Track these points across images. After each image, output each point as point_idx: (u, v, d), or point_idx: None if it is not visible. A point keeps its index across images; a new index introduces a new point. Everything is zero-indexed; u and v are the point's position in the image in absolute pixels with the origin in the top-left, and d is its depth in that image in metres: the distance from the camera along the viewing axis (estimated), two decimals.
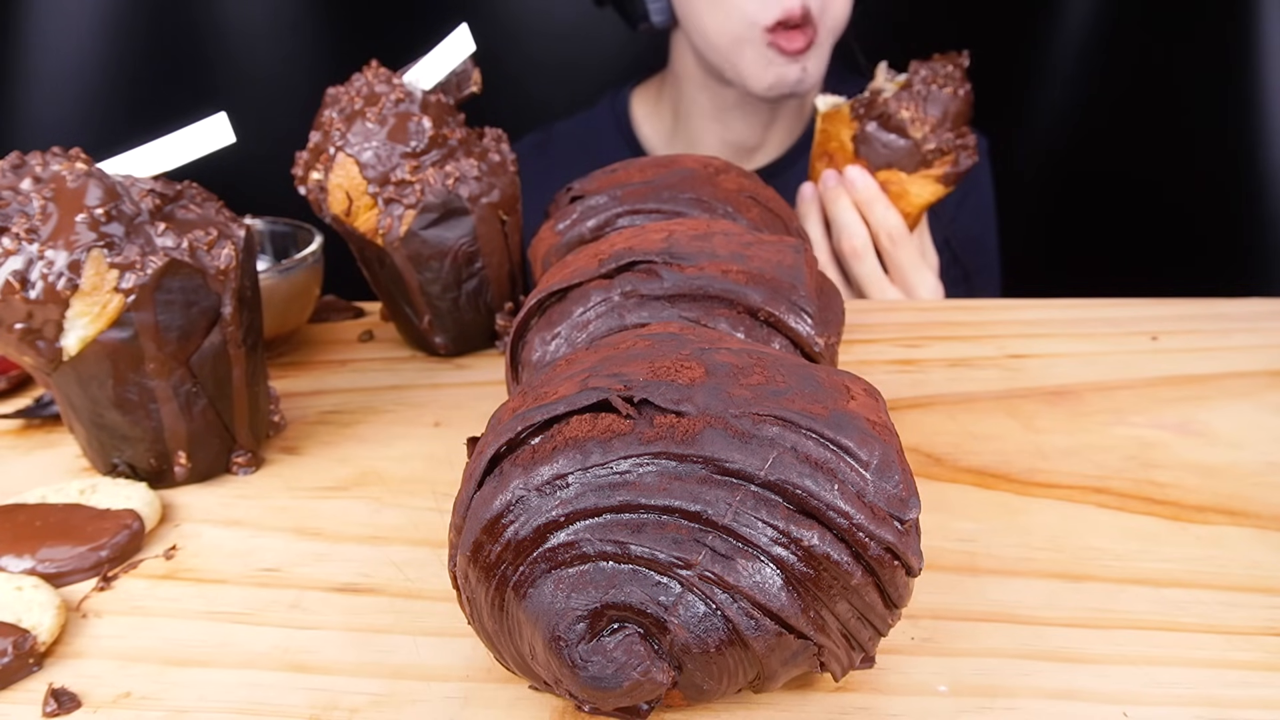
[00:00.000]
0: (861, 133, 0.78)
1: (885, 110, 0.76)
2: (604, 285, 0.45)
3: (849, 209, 0.79)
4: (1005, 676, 0.38)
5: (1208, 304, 0.73)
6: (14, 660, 0.38)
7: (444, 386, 0.63)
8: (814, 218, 0.82)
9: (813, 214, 0.82)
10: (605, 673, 0.31)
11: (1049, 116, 1.24)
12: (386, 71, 0.61)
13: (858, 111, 0.78)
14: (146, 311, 0.46)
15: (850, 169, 0.79)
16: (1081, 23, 1.19)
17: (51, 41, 1.06)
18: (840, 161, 0.80)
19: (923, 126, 0.76)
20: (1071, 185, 1.24)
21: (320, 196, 0.61)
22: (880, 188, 0.79)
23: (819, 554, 0.31)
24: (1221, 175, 1.06)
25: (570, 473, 0.31)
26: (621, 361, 0.34)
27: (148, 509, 0.48)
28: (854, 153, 0.79)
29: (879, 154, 0.78)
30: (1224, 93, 1.04)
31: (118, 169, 0.49)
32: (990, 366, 0.64)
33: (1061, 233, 1.26)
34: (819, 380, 0.34)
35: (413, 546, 0.47)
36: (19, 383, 0.62)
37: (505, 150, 0.63)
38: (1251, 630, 0.41)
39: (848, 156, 0.79)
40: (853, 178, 0.79)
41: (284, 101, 1.02)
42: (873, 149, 0.78)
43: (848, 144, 0.79)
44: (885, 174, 0.78)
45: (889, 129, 0.77)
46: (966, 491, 0.51)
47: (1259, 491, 0.50)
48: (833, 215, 0.80)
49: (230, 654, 0.40)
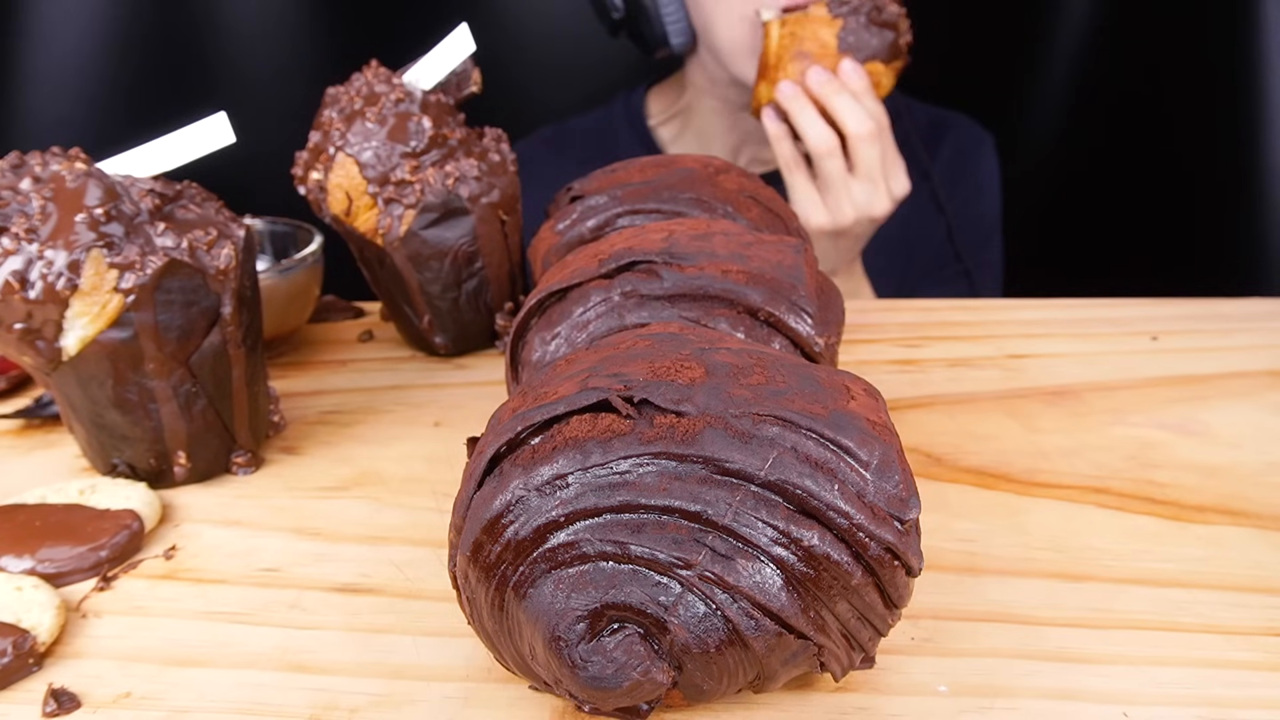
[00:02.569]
0: (850, 27, 0.80)
1: (876, 5, 0.79)
2: (604, 285, 0.45)
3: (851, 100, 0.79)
4: (1005, 676, 0.38)
5: (1208, 304, 0.73)
6: (14, 660, 0.38)
7: (444, 386, 0.63)
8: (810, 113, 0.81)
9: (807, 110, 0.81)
10: (605, 673, 0.31)
11: (1049, 116, 1.24)
12: (386, 71, 0.61)
13: (840, 9, 0.80)
14: (146, 311, 0.46)
15: (845, 63, 0.80)
16: (1082, 22, 1.19)
17: (51, 41, 1.06)
18: (822, 60, 0.81)
19: (904, 20, 0.81)
20: (1071, 185, 1.24)
21: (320, 196, 0.61)
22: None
23: (819, 554, 0.31)
24: (1221, 175, 1.06)
25: (570, 473, 0.31)
26: (621, 361, 0.34)
27: (148, 509, 0.48)
28: (836, 48, 0.80)
29: (867, 47, 0.80)
30: (1224, 92, 1.04)
31: (118, 169, 0.49)
32: (990, 366, 0.64)
33: (1061, 232, 1.26)
34: (819, 380, 0.34)
35: (413, 546, 0.47)
36: (19, 383, 0.62)
37: (505, 150, 0.63)
38: (1251, 630, 0.41)
39: (830, 54, 0.80)
40: (848, 71, 0.80)
41: (284, 101, 1.02)
42: (861, 43, 0.80)
43: (830, 41, 0.80)
44: (868, 66, 0.81)
45: (879, 23, 0.80)
46: (966, 491, 0.51)
47: (1259, 491, 0.50)
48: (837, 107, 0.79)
49: (230, 654, 0.40)
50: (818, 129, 0.79)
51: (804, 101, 0.80)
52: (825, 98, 0.79)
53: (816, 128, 0.79)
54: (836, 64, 0.80)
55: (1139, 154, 1.15)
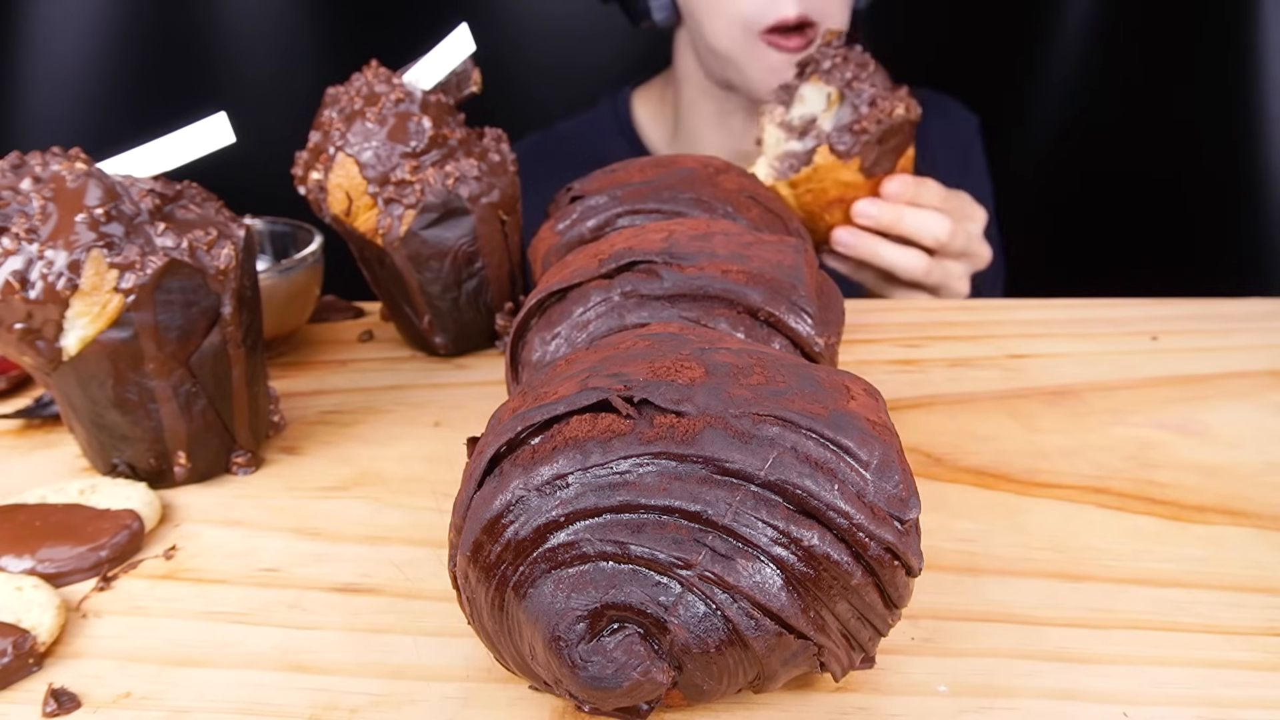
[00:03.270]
0: (872, 158, 0.74)
1: (879, 118, 0.72)
2: (604, 285, 0.45)
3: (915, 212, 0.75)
4: (1005, 676, 0.38)
5: (1208, 304, 0.73)
6: (14, 660, 0.38)
7: (444, 386, 0.63)
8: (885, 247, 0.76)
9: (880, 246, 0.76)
10: (605, 673, 0.31)
11: (1048, 116, 1.24)
12: (386, 71, 0.61)
13: (844, 146, 0.73)
14: (146, 311, 0.46)
15: (887, 186, 0.75)
16: (1081, 22, 1.19)
17: (51, 41, 1.06)
18: (857, 195, 0.75)
19: (898, 101, 0.73)
20: (1071, 185, 1.24)
21: (320, 196, 0.61)
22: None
23: (819, 554, 0.31)
24: (1221, 174, 1.06)
25: (570, 473, 0.31)
26: (621, 361, 0.34)
27: (148, 509, 0.48)
28: (865, 180, 0.75)
29: (890, 159, 0.75)
30: (1224, 92, 1.04)
31: (118, 169, 0.49)
32: (990, 366, 0.64)
33: (1061, 232, 1.26)
34: (819, 380, 0.34)
35: (413, 546, 0.47)
36: (19, 383, 0.62)
37: (505, 150, 0.63)
38: (1251, 630, 0.41)
39: (861, 187, 0.75)
40: (894, 193, 0.75)
41: (284, 101, 1.02)
42: (884, 160, 0.75)
43: (855, 178, 0.74)
44: (901, 164, 0.76)
45: (890, 133, 0.74)
46: (966, 491, 0.51)
47: (1259, 491, 0.50)
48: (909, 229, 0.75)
49: (230, 654, 0.40)
50: (905, 258, 0.76)
51: (870, 241, 0.76)
52: (888, 228, 0.75)
53: (904, 257, 0.75)
54: (871, 190, 0.75)
55: (1139, 154, 1.15)
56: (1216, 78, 1.05)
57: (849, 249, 0.77)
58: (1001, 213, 1.05)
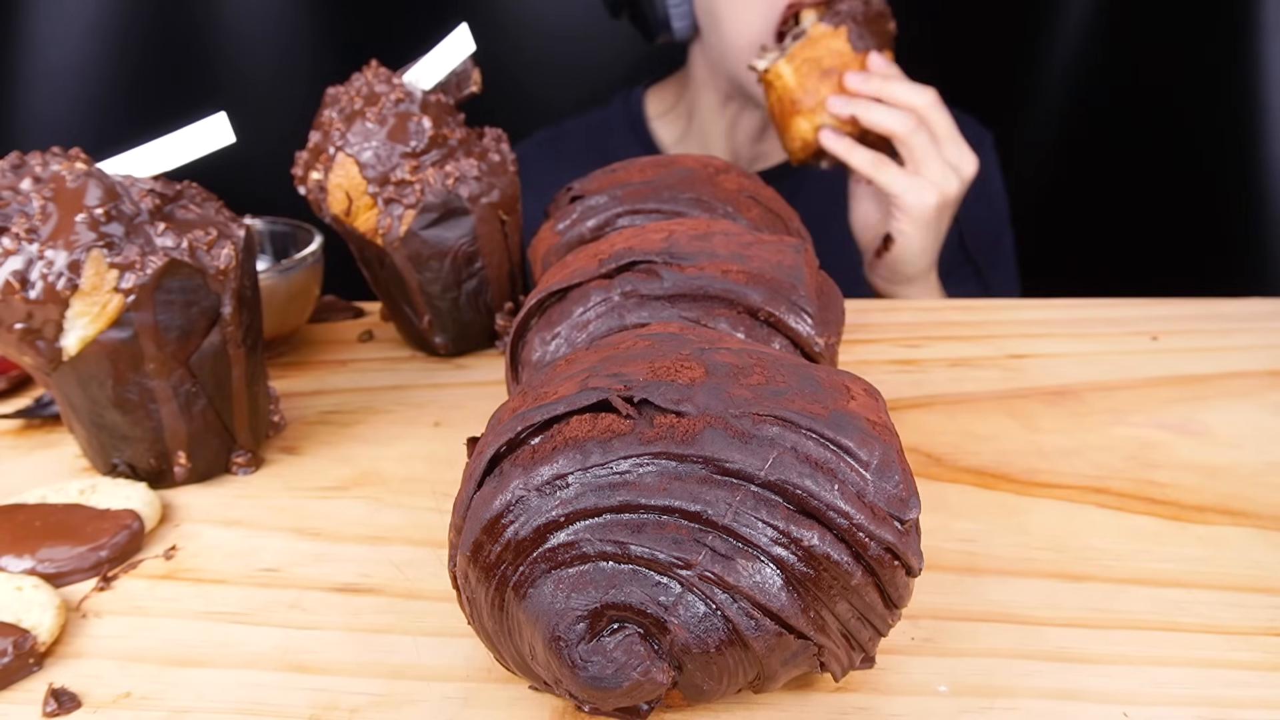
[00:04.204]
0: (853, 31, 0.81)
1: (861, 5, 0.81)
2: (604, 285, 0.45)
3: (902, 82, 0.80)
4: (1005, 676, 0.38)
5: (1208, 304, 0.73)
6: (14, 660, 0.38)
7: (444, 386, 0.63)
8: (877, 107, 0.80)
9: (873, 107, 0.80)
10: (605, 673, 0.31)
11: (1049, 116, 1.24)
12: (386, 71, 0.61)
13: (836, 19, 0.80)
14: (146, 311, 0.46)
15: (873, 58, 0.81)
16: (1082, 22, 1.19)
17: (51, 41, 1.06)
18: (848, 66, 0.81)
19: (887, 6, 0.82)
20: (1071, 185, 1.24)
21: (320, 196, 0.61)
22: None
23: (819, 554, 0.31)
24: (1221, 174, 1.06)
25: (570, 473, 0.31)
26: (621, 361, 0.34)
27: (148, 509, 0.48)
28: (853, 51, 0.81)
29: (872, 42, 0.81)
30: (1224, 92, 1.04)
31: (118, 169, 0.49)
32: (990, 366, 0.64)
33: (1061, 232, 1.26)
34: (819, 380, 0.34)
35: (413, 546, 0.47)
36: (19, 383, 0.62)
37: (505, 150, 0.63)
38: (1251, 630, 0.41)
39: (850, 58, 0.81)
40: (879, 63, 0.80)
41: (284, 101, 1.02)
42: (867, 40, 0.81)
43: (844, 48, 0.81)
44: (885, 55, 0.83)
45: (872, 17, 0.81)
46: (966, 491, 0.51)
47: (1259, 491, 0.50)
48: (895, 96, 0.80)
49: (230, 654, 0.40)
50: (892, 116, 0.79)
51: (863, 102, 0.80)
52: (878, 91, 0.80)
53: (891, 116, 0.79)
54: (860, 64, 0.81)
55: (1139, 154, 1.15)
56: (1217, 77, 1.05)
57: (844, 108, 0.81)
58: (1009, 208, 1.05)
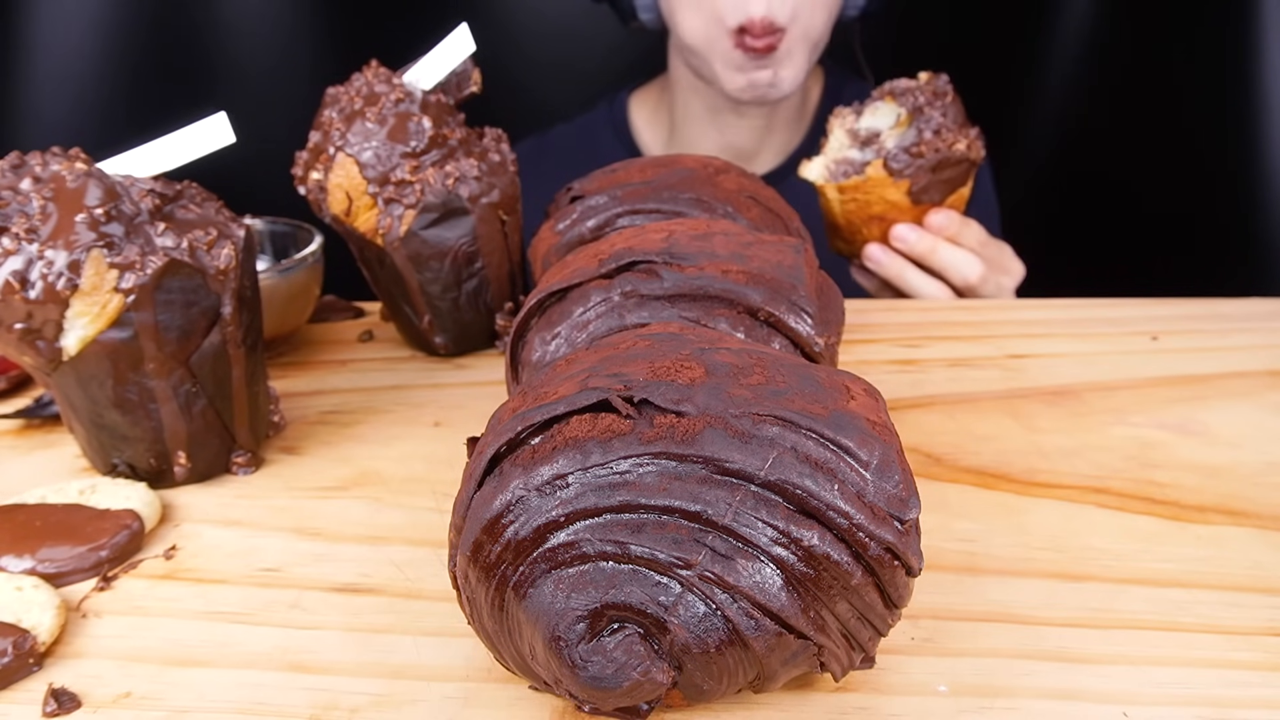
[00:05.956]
0: (919, 184, 0.74)
1: (938, 147, 0.73)
2: (604, 285, 0.45)
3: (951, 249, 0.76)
4: (1005, 676, 0.38)
5: (1208, 304, 0.73)
6: (14, 660, 0.38)
7: (444, 386, 0.63)
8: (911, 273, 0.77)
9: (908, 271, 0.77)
10: (605, 673, 0.31)
11: (1049, 117, 1.24)
12: (386, 71, 0.61)
13: (900, 166, 0.74)
14: (146, 311, 0.46)
15: (932, 218, 0.76)
16: (1081, 23, 1.19)
17: (51, 41, 1.06)
18: (900, 217, 0.76)
19: (963, 137, 0.74)
20: (1071, 185, 1.24)
21: (320, 196, 0.61)
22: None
23: (819, 554, 0.31)
24: (1221, 175, 1.06)
25: (570, 473, 0.31)
26: (621, 361, 0.34)
27: (148, 509, 0.48)
28: (911, 205, 0.76)
29: (941, 190, 0.75)
30: (1223, 93, 1.04)
31: (118, 169, 0.49)
32: (990, 366, 0.64)
33: (1061, 233, 1.26)
34: (819, 380, 0.34)
35: (413, 546, 0.47)
36: (19, 383, 0.62)
37: (505, 150, 0.63)
38: (1251, 630, 0.41)
39: (905, 210, 0.76)
40: (938, 225, 0.76)
41: (284, 101, 1.02)
42: (934, 190, 0.75)
43: (900, 200, 0.75)
44: (951, 200, 0.77)
45: (947, 165, 0.74)
46: (966, 491, 0.51)
47: (1259, 491, 0.50)
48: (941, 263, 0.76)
49: (230, 654, 0.40)
50: (929, 288, 0.76)
51: (899, 263, 0.76)
52: (921, 258, 0.76)
53: (928, 287, 0.76)
54: (915, 217, 0.76)
55: (1139, 154, 1.15)
56: (1216, 77, 1.05)
57: (878, 266, 0.78)
58: (1002, 213, 1.05)
